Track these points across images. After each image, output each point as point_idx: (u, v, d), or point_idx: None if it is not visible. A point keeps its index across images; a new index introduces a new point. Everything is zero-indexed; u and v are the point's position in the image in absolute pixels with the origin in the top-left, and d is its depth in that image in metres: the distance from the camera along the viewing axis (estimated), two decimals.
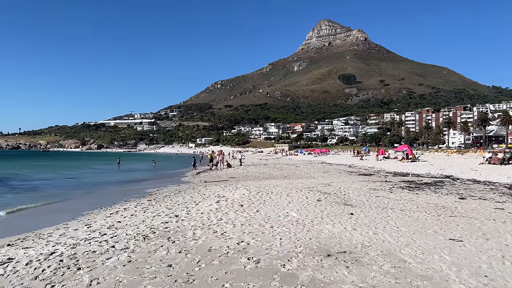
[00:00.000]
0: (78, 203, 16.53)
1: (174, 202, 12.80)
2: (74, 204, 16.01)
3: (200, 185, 19.90)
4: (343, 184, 18.30)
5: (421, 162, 37.95)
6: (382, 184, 18.19)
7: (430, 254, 6.31)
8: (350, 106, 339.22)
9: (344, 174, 26.90)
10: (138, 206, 12.79)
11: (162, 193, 17.19)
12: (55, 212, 13.71)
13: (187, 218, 9.43)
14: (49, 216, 12.47)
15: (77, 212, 13.29)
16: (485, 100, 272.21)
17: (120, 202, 15.17)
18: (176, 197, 14.69)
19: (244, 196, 12.87)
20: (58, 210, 14.12)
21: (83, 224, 9.96)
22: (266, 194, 13.25)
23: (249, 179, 23.32)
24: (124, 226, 9.01)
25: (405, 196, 13.31)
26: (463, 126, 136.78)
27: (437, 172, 26.59)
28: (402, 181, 20.94)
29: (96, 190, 21.80)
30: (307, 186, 16.78)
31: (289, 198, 12.34)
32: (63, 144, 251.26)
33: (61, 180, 29.69)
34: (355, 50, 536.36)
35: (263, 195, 12.98)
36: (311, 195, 13.12)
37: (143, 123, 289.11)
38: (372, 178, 23.01)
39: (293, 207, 10.62)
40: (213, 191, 15.84)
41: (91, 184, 26.15)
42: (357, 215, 9.47)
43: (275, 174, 27.71)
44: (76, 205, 15.54)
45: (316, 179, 22.56)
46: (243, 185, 17.51)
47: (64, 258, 6.40)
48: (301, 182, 19.69)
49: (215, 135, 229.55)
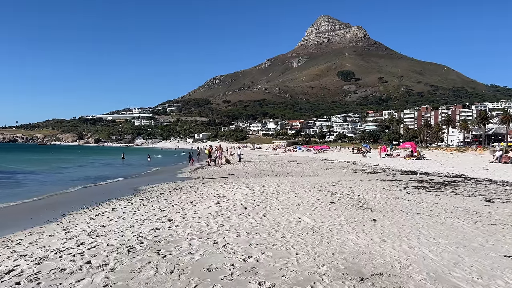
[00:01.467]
0: (64, 200, 15.16)
1: (169, 203, 11.41)
2: (59, 202, 14.62)
3: (198, 183, 18.51)
4: (352, 183, 16.95)
5: (426, 160, 36.65)
6: (394, 184, 16.85)
7: (491, 278, 4.96)
8: (348, 103, 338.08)
9: (349, 172, 25.56)
10: (128, 207, 11.40)
11: (156, 191, 15.79)
12: (36, 211, 12.31)
13: (182, 223, 8.03)
14: (27, 216, 11.07)
15: (60, 211, 11.92)
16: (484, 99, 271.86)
17: (109, 201, 13.78)
18: (171, 196, 13.30)
19: (247, 196, 11.49)
20: (40, 209, 12.72)
21: (61, 229, 8.57)
22: (272, 194, 11.87)
23: (250, 176, 21.95)
24: (108, 232, 7.61)
25: (426, 198, 11.97)
26: (463, 124, 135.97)
27: (447, 171, 25.28)
28: (413, 180, 19.63)
29: (87, 186, 20.39)
30: (314, 185, 15.42)
31: (298, 199, 10.97)
32: (60, 138, 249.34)
33: (52, 174, 28.23)
34: (354, 47, 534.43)
35: (269, 196, 11.60)
36: (321, 195, 11.75)
37: (141, 118, 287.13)
38: (380, 177, 21.68)
39: (305, 210, 9.26)
40: (212, 189, 14.46)
41: (83, 179, 24.71)
42: (381, 222, 8.11)
43: (277, 171, 26.34)
44: (61, 203, 14.16)
45: (321, 177, 21.21)
46: (245, 183, 16.14)
47: (23, 280, 5.00)
48: (306, 180, 18.33)
49: (213, 131, 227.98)
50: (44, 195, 16.48)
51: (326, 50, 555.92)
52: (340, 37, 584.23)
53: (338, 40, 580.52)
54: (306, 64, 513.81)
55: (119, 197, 14.87)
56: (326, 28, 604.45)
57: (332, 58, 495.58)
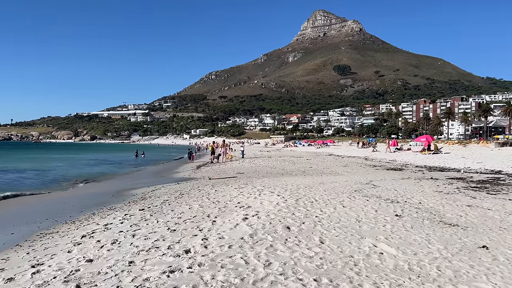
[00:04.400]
0: (46, 208, 12.51)
1: (178, 216, 8.78)
2: (40, 210, 11.99)
3: (206, 185, 15.88)
4: (388, 183, 14.40)
5: (446, 155, 34.20)
6: (437, 184, 14.32)
7: None
8: (345, 97, 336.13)
9: (370, 169, 23.02)
10: (125, 221, 8.77)
11: (158, 197, 13.17)
12: (7, 224, 9.67)
13: (207, 259, 5.39)
14: None
15: (38, 225, 9.31)
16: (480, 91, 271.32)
17: (101, 211, 11.15)
18: (179, 204, 10.68)
19: (280, 206, 8.87)
20: (13, 220, 10.09)
21: (29, 264, 5.93)
22: (311, 204, 9.25)
23: (263, 176, 19.35)
24: (95, 277, 4.99)
25: (505, 205, 9.42)
26: (463, 117, 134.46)
27: (479, 167, 22.79)
28: (451, 178, 17.13)
29: (77, 188, 17.70)
30: (349, 187, 12.86)
31: (350, 211, 8.37)
32: (56, 135, 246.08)
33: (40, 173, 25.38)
34: (350, 41, 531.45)
35: (308, 206, 8.98)
36: (375, 204, 9.16)
37: (137, 114, 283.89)
38: (409, 174, 19.16)
39: (372, 230, 6.67)
40: (228, 194, 11.85)
41: (74, 179, 22.00)
42: (497, 251, 5.55)
43: (290, 169, 23.75)
44: (41, 212, 11.53)
45: (344, 175, 18.65)
46: (264, 186, 13.54)
47: None
48: (332, 180, 15.74)
49: (210, 126, 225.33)
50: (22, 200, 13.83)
51: (322, 44, 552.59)
52: (336, 31, 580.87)
53: (334, 34, 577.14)
54: (302, 59, 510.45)
55: (114, 204, 12.25)
56: (322, 23, 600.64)
57: (328, 52, 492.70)
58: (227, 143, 36.64)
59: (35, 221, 10.26)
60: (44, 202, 14.16)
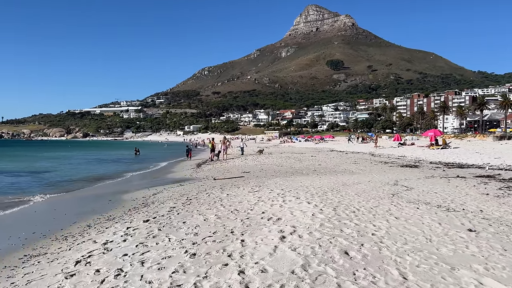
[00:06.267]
0: (34, 216, 10.87)
1: (193, 231, 7.18)
2: (26, 220, 10.34)
3: (214, 187, 14.29)
4: (419, 184, 12.92)
5: (456, 149, 32.91)
6: (474, 184, 12.88)
7: None
8: (338, 92, 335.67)
9: (383, 166, 21.57)
10: (128, 238, 7.16)
11: (162, 202, 11.56)
12: None
13: None
14: None
15: (22, 244, 7.69)
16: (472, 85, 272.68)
17: (98, 221, 9.54)
18: (190, 213, 9.07)
19: (318, 218, 7.28)
20: None
21: None
22: (352, 213, 7.67)
23: (272, 175, 17.80)
24: None
25: None
26: (459, 111, 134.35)
27: (499, 162, 21.42)
28: (478, 175, 15.73)
29: (70, 191, 15.95)
30: (382, 190, 11.34)
31: (405, 223, 6.81)
32: (48, 133, 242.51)
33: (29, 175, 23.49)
34: (343, 36, 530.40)
35: (351, 216, 7.39)
36: (428, 212, 7.63)
37: (130, 111, 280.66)
38: (431, 172, 17.73)
39: (458, 256, 5.11)
40: (243, 200, 10.27)
41: (66, 181, 20.22)
42: None
43: (297, 167, 22.21)
44: (28, 222, 9.90)
45: (362, 174, 17.15)
46: (281, 188, 11.97)
47: None
48: (354, 180, 14.21)
49: (203, 122, 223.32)
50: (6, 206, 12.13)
51: (314, 39, 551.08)
52: (329, 26, 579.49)
53: (327, 29, 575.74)
54: (295, 54, 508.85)
55: (112, 212, 10.63)
56: (314, 17, 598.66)
57: (321, 47, 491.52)
58: (228, 140, 34.96)
59: (20, 235, 8.63)
60: (33, 208, 12.48)
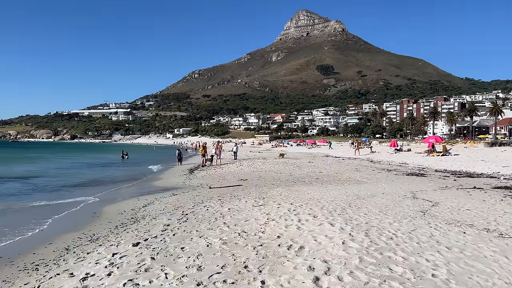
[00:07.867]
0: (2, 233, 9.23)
1: (196, 263, 5.74)
2: None
3: (211, 198, 12.83)
4: (442, 198, 11.67)
5: (458, 156, 31.93)
6: (499, 197, 11.66)
7: None
8: (328, 97, 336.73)
9: (388, 175, 20.33)
10: (114, 270, 5.67)
11: (154, 217, 10.06)
12: None
13: None
14: None
15: None
16: (460, 92, 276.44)
17: (78, 243, 8.02)
18: (189, 235, 7.60)
19: (353, 248, 5.89)
20: None
21: None
22: (390, 240, 6.32)
23: (272, 184, 16.42)
24: None
25: None
26: (449, 117, 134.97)
27: (510, 172, 20.39)
28: (497, 187, 14.56)
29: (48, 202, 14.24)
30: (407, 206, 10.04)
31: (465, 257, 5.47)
32: (35, 135, 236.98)
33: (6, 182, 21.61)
34: (333, 41, 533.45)
35: (392, 245, 6.03)
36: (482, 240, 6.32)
37: (119, 113, 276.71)
38: (442, 182, 16.53)
39: None
40: (249, 217, 8.85)
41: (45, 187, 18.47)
42: None
43: (297, 174, 20.85)
44: None
45: (370, 184, 15.87)
46: (288, 201, 10.58)
47: None
48: (365, 192, 12.89)
49: (193, 125, 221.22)
50: None
51: (305, 44, 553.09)
52: (319, 31, 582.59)
53: (317, 34, 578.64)
54: (285, 58, 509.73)
55: (96, 230, 9.12)
56: (305, 22, 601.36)
57: (311, 52, 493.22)
58: (221, 144, 33.52)
59: None
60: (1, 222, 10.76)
